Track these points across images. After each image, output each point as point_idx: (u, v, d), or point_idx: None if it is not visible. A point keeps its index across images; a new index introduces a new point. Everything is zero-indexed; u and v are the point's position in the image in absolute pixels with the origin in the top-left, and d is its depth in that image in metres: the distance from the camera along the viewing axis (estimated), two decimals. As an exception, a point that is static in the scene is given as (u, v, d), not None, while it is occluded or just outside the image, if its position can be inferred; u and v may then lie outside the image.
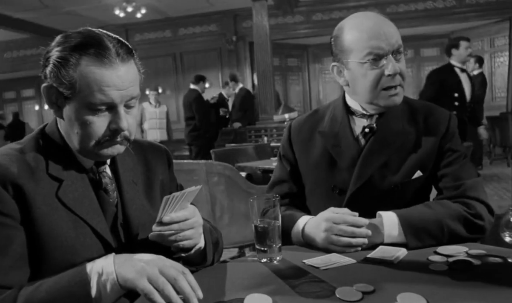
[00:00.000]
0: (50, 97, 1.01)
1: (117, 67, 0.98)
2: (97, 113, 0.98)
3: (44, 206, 0.98)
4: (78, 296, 0.86)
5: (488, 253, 1.10)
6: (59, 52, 0.97)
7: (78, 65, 0.96)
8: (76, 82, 0.96)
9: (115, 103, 0.99)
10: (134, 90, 1.02)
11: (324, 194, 1.41)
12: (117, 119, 1.00)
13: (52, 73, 0.97)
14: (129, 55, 1.01)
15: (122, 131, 1.02)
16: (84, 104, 0.97)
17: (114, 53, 0.98)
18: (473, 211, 1.25)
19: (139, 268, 0.88)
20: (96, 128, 0.99)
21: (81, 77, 0.96)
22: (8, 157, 0.99)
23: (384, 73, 1.29)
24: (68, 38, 0.98)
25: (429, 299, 0.85)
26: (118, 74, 0.98)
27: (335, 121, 1.43)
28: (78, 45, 0.97)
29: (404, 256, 1.13)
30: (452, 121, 1.37)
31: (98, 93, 0.96)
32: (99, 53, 0.96)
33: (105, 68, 0.97)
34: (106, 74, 0.97)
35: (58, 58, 0.96)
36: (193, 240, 1.08)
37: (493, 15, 9.36)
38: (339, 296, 0.90)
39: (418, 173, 1.34)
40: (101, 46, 0.97)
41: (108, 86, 0.97)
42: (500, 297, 0.86)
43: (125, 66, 1.00)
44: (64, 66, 0.96)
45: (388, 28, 1.30)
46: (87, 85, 0.96)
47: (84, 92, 0.96)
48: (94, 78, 0.96)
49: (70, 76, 0.96)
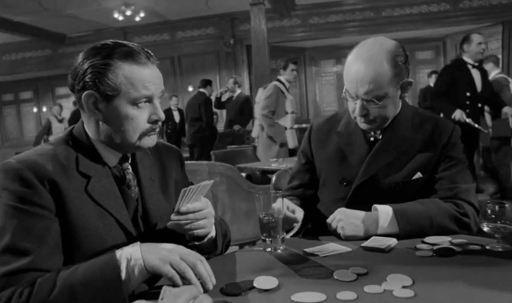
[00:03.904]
0: (90, 104, 1.13)
1: (151, 66, 1.15)
2: (139, 108, 1.13)
3: (75, 200, 1.10)
4: (110, 279, 0.98)
5: (469, 241, 1.24)
6: (99, 60, 1.10)
7: (120, 68, 1.10)
8: (121, 83, 1.10)
9: (153, 96, 1.15)
10: (162, 85, 1.19)
11: (334, 184, 1.58)
12: (156, 111, 1.17)
13: (96, 80, 1.10)
14: (152, 57, 1.17)
15: (160, 120, 1.18)
16: (128, 101, 1.12)
17: (144, 55, 1.13)
18: (462, 210, 1.40)
19: (163, 255, 1.00)
20: (139, 121, 1.14)
21: (125, 77, 1.10)
22: (43, 156, 1.12)
23: (355, 110, 1.48)
24: (99, 50, 1.12)
25: (415, 278, 0.98)
26: (153, 71, 1.15)
27: (349, 124, 1.61)
28: (115, 52, 1.11)
29: (395, 245, 1.26)
30: (454, 133, 1.52)
31: (141, 89, 1.12)
32: (135, 56, 1.12)
33: (143, 67, 1.12)
34: (146, 72, 1.13)
35: (101, 65, 1.10)
36: (206, 229, 1.21)
37: (486, 19, 9.52)
38: (337, 277, 1.03)
39: (418, 174, 1.49)
40: (134, 51, 1.12)
41: (148, 82, 1.13)
42: (478, 277, 0.99)
43: (154, 65, 1.16)
44: (108, 71, 1.10)
45: (363, 77, 1.41)
46: (131, 84, 1.11)
47: (129, 90, 1.11)
48: (137, 77, 1.11)
49: (115, 79, 1.10)
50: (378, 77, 1.40)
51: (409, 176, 1.49)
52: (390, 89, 1.43)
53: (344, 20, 10.05)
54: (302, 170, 1.73)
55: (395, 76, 1.42)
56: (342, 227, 1.37)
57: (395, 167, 1.49)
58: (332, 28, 10.14)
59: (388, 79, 1.41)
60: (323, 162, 1.65)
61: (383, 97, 1.42)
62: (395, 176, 1.49)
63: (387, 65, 1.41)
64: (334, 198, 1.56)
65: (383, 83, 1.41)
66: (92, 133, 1.18)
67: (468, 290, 0.93)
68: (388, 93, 1.43)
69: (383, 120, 1.50)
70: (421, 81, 10.67)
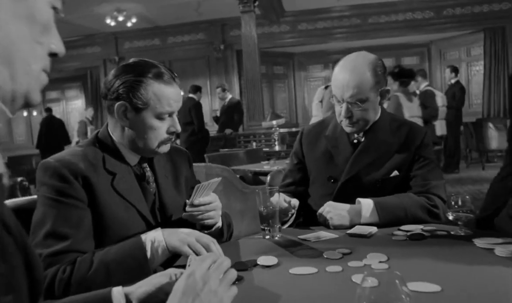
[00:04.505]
0: (120, 112, 1.32)
1: (175, 86, 1.35)
2: (162, 120, 1.33)
3: (104, 193, 1.29)
4: (137, 257, 1.18)
5: (437, 228, 1.46)
6: (132, 77, 1.29)
7: (150, 86, 1.29)
8: (150, 99, 1.29)
9: (174, 112, 1.35)
10: (181, 102, 1.39)
11: (323, 182, 1.80)
12: (174, 124, 1.37)
13: (130, 93, 1.29)
14: (176, 78, 1.37)
15: (177, 132, 1.38)
16: (154, 114, 1.31)
17: (170, 76, 1.33)
18: (432, 202, 1.63)
19: (182, 238, 1.20)
20: (160, 131, 1.34)
21: (153, 94, 1.30)
22: (76, 156, 1.31)
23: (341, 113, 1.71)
24: (134, 67, 1.31)
25: (390, 256, 1.20)
26: (176, 90, 1.35)
27: (336, 128, 1.83)
28: (147, 71, 1.30)
29: (375, 232, 1.48)
30: (426, 136, 1.76)
31: (166, 105, 1.31)
32: (164, 76, 1.31)
33: (169, 87, 1.32)
34: (171, 91, 1.32)
35: (135, 81, 1.29)
36: (214, 220, 1.41)
37: (468, 27, 9.87)
38: (326, 256, 1.24)
39: (395, 172, 1.72)
40: (162, 71, 1.32)
41: (173, 100, 1.33)
42: (443, 255, 1.20)
43: (177, 84, 1.36)
44: (139, 86, 1.29)
45: (348, 83, 1.66)
46: (158, 100, 1.30)
47: (156, 105, 1.30)
48: (164, 94, 1.31)
49: (145, 94, 1.29)
50: (361, 83, 1.65)
51: (387, 174, 1.71)
52: (371, 94, 1.67)
53: (332, 27, 10.32)
54: (294, 169, 1.93)
55: (375, 83, 1.67)
56: (331, 218, 1.58)
57: (375, 166, 1.71)
58: (320, 34, 10.41)
59: (370, 86, 1.66)
60: (313, 162, 1.86)
61: (365, 101, 1.66)
62: (375, 174, 1.71)
63: (369, 73, 1.66)
64: (323, 194, 1.77)
65: (365, 89, 1.65)
66: (117, 136, 1.38)
67: (434, 264, 1.14)
68: (370, 98, 1.67)
69: (365, 122, 1.72)
70: (406, 86, 10.93)
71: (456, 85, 8.19)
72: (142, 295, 0.88)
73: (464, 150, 8.92)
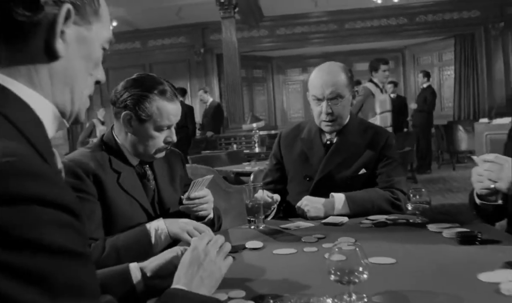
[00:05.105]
0: (125, 120, 1.51)
1: (176, 102, 1.54)
2: (161, 131, 1.52)
3: (111, 189, 1.49)
4: (143, 243, 1.39)
5: (399, 218, 1.70)
6: (139, 91, 1.48)
7: (155, 101, 1.48)
8: (153, 112, 1.48)
9: (172, 125, 1.54)
10: (179, 116, 1.58)
11: (299, 180, 2.02)
12: (171, 135, 1.56)
13: (136, 105, 1.48)
14: (178, 95, 1.56)
15: (173, 142, 1.57)
16: (155, 127, 1.50)
17: (172, 93, 1.52)
18: (395, 196, 1.87)
19: (181, 226, 1.42)
20: (159, 140, 1.53)
21: (157, 109, 1.49)
22: (86, 156, 1.50)
23: (322, 111, 1.92)
24: (141, 82, 1.50)
25: (357, 239, 1.42)
26: (176, 107, 1.54)
27: (311, 132, 2.05)
28: (153, 88, 1.49)
29: (346, 221, 1.71)
30: (389, 138, 2.01)
31: (166, 120, 1.51)
32: (167, 93, 1.51)
33: (171, 103, 1.51)
34: (172, 107, 1.52)
35: (141, 96, 1.48)
36: (207, 211, 1.62)
37: (439, 33, 10.29)
38: (304, 240, 1.47)
39: (363, 170, 1.95)
40: (165, 89, 1.51)
41: (172, 115, 1.52)
42: (401, 237, 1.44)
43: (178, 101, 1.55)
44: (145, 101, 1.48)
45: (327, 82, 1.89)
46: (160, 114, 1.49)
47: (157, 118, 1.49)
48: (165, 110, 1.50)
49: (150, 108, 1.48)
50: (338, 82, 1.92)
51: (356, 172, 1.94)
52: (347, 93, 1.94)
53: (310, 32, 10.59)
54: (273, 169, 2.14)
55: (348, 84, 1.95)
56: (308, 210, 1.81)
57: (346, 165, 1.94)
58: (298, 39, 10.67)
59: (345, 84, 1.93)
60: (290, 162, 2.08)
61: (343, 97, 1.92)
62: (346, 171, 1.94)
63: (343, 74, 1.94)
64: (299, 191, 1.98)
65: (342, 86, 1.92)
66: (121, 139, 1.57)
67: (392, 244, 1.38)
68: (345, 95, 1.93)
69: (341, 120, 1.96)
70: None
71: (428, 89, 8.55)
72: (155, 268, 1.08)
73: (436, 152, 9.28)
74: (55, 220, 0.56)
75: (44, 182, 0.57)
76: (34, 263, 0.54)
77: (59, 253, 0.56)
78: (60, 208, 0.57)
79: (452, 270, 1.13)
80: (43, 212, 0.55)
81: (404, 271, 1.15)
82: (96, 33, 0.76)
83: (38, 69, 0.69)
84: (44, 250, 0.55)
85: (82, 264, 0.59)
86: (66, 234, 0.57)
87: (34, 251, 0.54)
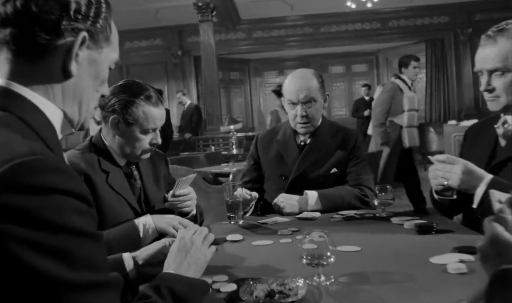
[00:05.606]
0: (113, 123, 1.61)
1: (161, 107, 1.65)
2: (147, 134, 1.63)
3: (101, 188, 1.60)
4: (132, 237, 1.50)
5: (366, 212, 1.86)
6: (127, 97, 1.59)
7: (141, 106, 1.59)
8: (139, 117, 1.59)
9: (157, 128, 1.65)
10: (164, 119, 1.69)
11: (275, 179, 2.16)
12: (156, 137, 1.67)
13: (123, 110, 1.58)
14: (162, 100, 1.68)
15: (158, 144, 1.68)
16: (141, 130, 1.61)
17: (157, 98, 1.63)
18: (363, 192, 2.03)
19: (167, 221, 1.54)
20: (144, 143, 1.64)
21: (143, 113, 1.59)
22: (76, 157, 1.61)
23: (297, 114, 2.07)
24: (129, 88, 1.61)
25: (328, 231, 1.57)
26: (161, 111, 1.65)
27: (286, 134, 2.21)
28: (140, 93, 1.60)
29: (318, 216, 1.86)
30: (358, 139, 2.18)
31: (151, 123, 1.62)
32: (152, 98, 1.62)
33: (156, 108, 1.62)
34: (157, 111, 1.63)
35: (129, 101, 1.59)
36: (190, 208, 1.75)
37: (411, 38, 10.63)
38: (279, 233, 1.61)
39: (334, 169, 2.11)
40: (151, 95, 1.62)
41: (157, 118, 1.63)
42: (366, 228, 1.60)
43: (162, 105, 1.67)
44: (132, 105, 1.58)
45: (301, 87, 2.05)
46: (146, 118, 1.60)
47: (143, 122, 1.60)
48: (151, 114, 1.61)
49: (136, 112, 1.59)
50: (310, 86, 2.08)
51: (328, 171, 2.10)
52: (319, 96, 2.10)
53: (286, 35, 10.77)
54: (251, 169, 2.28)
55: (320, 88, 2.12)
56: (283, 206, 1.95)
57: (318, 164, 2.10)
58: (275, 42, 10.83)
59: (317, 89, 2.10)
60: (267, 162, 2.22)
61: (316, 101, 2.08)
62: (318, 171, 2.09)
63: (315, 79, 2.11)
64: (276, 189, 2.12)
65: (315, 90, 2.08)
66: (109, 141, 1.68)
67: (359, 235, 1.53)
68: (318, 99, 2.10)
69: (315, 122, 2.12)
70: (356, 92, 11.60)
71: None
72: (146, 257, 1.20)
73: (409, 152, 9.55)
74: (75, 207, 0.70)
75: (66, 176, 0.70)
76: (59, 242, 0.67)
77: (79, 234, 0.69)
78: (78, 198, 0.71)
79: (408, 255, 1.29)
80: (66, 200, 0.69)
81: (367, 257, 1.30)
82: (106, 56, 0.89)
83: (53, 84, 0.82)
84: (67, 232, 0.68)
85: (96, 244, 0.73)
86: (84, 218, 0.71)
87: (59, 232, 0.67)
